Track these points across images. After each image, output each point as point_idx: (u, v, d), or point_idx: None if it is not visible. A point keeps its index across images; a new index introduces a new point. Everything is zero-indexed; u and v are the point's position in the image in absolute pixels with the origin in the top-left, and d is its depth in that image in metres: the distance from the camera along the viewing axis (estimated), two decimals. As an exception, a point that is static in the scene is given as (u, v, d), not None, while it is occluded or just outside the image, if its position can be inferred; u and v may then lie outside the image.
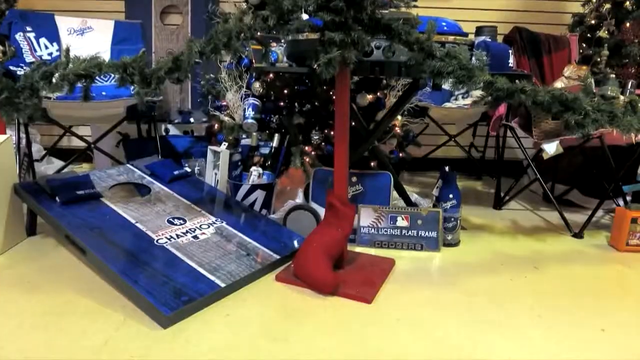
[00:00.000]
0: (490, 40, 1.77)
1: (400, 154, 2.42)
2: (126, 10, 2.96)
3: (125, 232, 1.48)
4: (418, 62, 1.34)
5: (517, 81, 1.40)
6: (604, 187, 2.20)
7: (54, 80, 1.25)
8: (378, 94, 2.17)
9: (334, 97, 1.73)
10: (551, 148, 1.96)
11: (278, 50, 1.84)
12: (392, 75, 1.81)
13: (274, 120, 2.15)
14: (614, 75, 2.16)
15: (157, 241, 1.45)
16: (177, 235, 1.51)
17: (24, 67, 2.02)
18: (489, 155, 3.13)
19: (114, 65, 1.24)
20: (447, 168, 1.86)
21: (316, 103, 2.18)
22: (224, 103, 2.27)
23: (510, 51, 1.70)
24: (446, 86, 2.01)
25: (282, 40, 2.09)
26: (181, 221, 1.61)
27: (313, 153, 2.15)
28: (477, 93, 2.57)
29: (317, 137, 2.12)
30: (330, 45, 1.17)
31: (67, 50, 1.26)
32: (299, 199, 2.24)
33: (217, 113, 2.27)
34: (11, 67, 1.96)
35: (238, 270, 1.37)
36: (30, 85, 1.24)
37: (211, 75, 2.49)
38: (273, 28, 1.27)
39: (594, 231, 2.02)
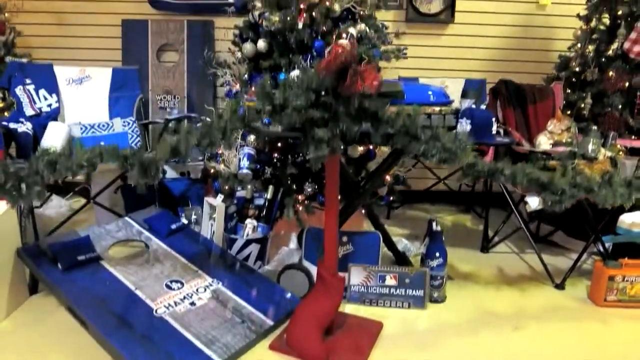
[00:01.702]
0: (474, 107, 1.84)
1: (391, 198, 2.49)
2: (123, 48, 3.02)
3: (125, 302, 1.54)
4: (403, 144, 1.41)
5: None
6: (587, 230, 2.29)
7: (57, 167, 1.31)
8: (369, 145, 2.24)
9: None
10: (534, 202, 2.04)
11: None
12: (381, 144, 1.89)
13: (268, 172, 2.22)
14: (595, 127, 2.25)
15: (156, 311, 1.52)
16: (175, 303, 1.58)
17: (25, 122, 2.07)
18: (478, 186, 3.22)
19: (115, 154, 1.30)
20: (434, 223, 1.94)
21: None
22: (220, 152, 2.34)
23: (493, 119, 1.78)
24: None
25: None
26: (179, 285, 1.68)
27: (306, 202, 2.22)
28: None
29: (309, 188, 2.19)
30: (319, 143, 1.24)
31: (70, 140, 1.32)
32: (293, 244, 2.31)
33: (214, 164, 2.33)
34: (11, 125, 2.01)
35: (234, 342, 1.45)
36: (35, 173, 1.30)
37: (207, 118, 2.55)
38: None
39: (576, 279, 2.10)
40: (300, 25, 2.10)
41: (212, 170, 2.42)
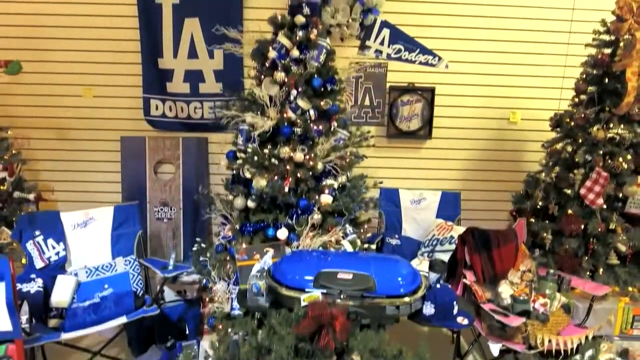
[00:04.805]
0: (439, 286, 2.07)
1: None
2: (122, 163, 3.22)
3: None
4: (372, 361, 1.65)
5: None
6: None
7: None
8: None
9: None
10: (495, 349, 2.29)
11: (260, 282, 2.12)
12: None
13: (258, 315, 2.45)
14: (552, 271, 2.49)
15: None
16: None
17: (35, 278, 2.28)
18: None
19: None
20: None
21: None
22: (213, 289, 2.55)
23: (455, 303, 2.01)
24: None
25: (265, 250, 2.39)
26: None
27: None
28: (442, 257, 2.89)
29: (295, 331, 2.42)
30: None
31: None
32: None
33: (207, 298, 2.55)
34: (24, 288, 2.21)
35: None
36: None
37: (202, 244, 2.76)
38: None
39: (533, 412, 2.36)
40: (286, 189, 2.32)
41: (206, 300, 2.65)
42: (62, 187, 3.29)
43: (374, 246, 2.57)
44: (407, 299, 1.93)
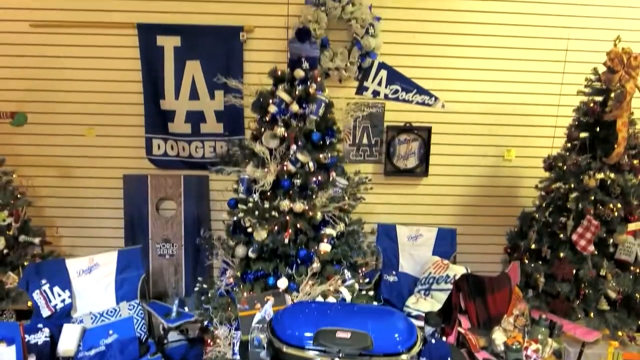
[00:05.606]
0: (434, 341, 2.14)
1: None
2: (124, 200, 3.28)
3: None
4: None
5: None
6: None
7: None
8: None
9: None
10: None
11: (262, 335, 2.19)
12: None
13: (259, 361, 2.51)
14: (544, 316, 2.57)
15: None
16: None
17: (42, 328, 2.34)
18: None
19: None
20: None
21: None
22: (215, 332, 2.62)
23: (449, 359, 2.09)
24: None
25: (265, 298, 2.46)
26: None
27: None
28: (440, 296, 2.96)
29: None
30: None
31: None
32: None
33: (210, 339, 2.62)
34: (32, 340, 2.27)
35: None
36: None
37: (203, 284, 2.83)
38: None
39: None
40: (286, 241, 2.39)
41: (208, 340, 2.72)
42: (65, 223, 3.35)
43: (372, 292, 2.63)
44: (403, 357, 2.00)
